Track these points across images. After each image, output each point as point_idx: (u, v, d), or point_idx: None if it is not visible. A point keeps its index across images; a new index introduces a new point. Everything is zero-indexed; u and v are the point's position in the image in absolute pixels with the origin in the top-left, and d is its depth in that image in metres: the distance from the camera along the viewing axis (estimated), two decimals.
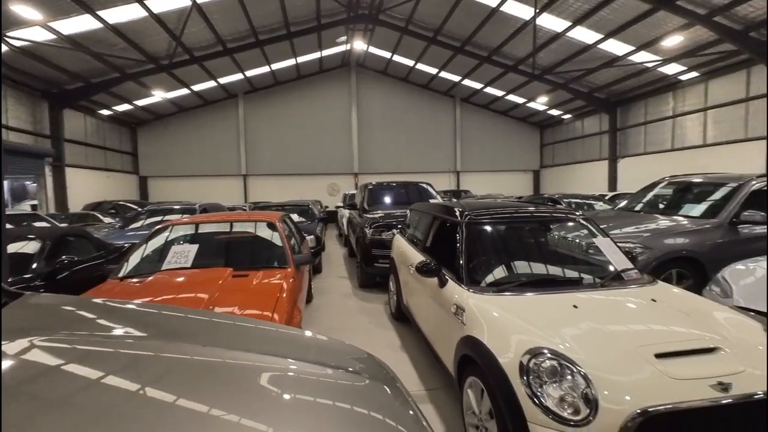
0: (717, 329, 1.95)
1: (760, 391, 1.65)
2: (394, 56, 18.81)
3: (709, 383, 1.61)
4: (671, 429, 1.56)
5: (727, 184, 5.20)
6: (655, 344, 1.79)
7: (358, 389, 1.12)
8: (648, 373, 1.68)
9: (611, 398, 1.60)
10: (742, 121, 12.36)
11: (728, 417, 1.60)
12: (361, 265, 6.11)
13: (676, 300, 2.29)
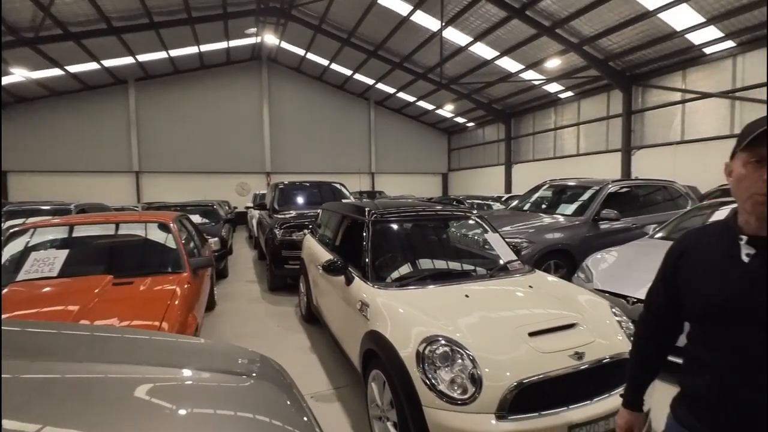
0: (577, 309, 2.30)
1: (607, 356, 2.00)
2: (308, 54, 18.48)
3: (568, 354, 1.89)
4: (541, 393, 1.79)
5: (592, 187, 6.17)
6: (529, 325, 2.05)
7: (245, 392, 1.08)
8: (523, 351, 1.92)
9: (493, 375, 1.79)
10: (604, 135, 14.80)
11: (583, 378, 1.89)
12: (271, 267, 5.88)
13: (549, 286, 2.65)
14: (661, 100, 12.81)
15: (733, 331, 0.93)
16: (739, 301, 0.92)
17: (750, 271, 0.91)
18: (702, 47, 11.15)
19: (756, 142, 0.87)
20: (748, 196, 0.90)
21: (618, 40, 11.83)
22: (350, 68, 18.79)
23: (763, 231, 0.91)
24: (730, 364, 0.93)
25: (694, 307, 1.01)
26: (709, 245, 1.02)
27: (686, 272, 1.04)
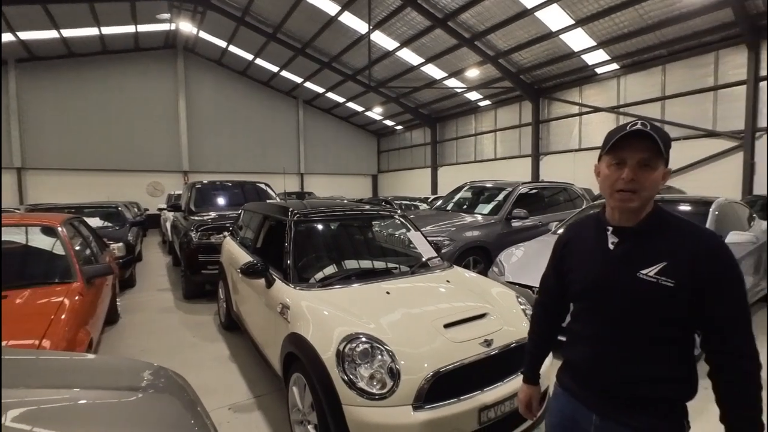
0: (489, 300, 2.48)
1: (513, 341, 2.18)
2: (231, 47, 17.46)
3: (478, 342, 2.03)
4: (455, 380, 1.89)
5: (505, 189, 6.71)
6: (444, 317, 2.15)
7: (136, 408, 0.98)
8: (439, 342, 2.01)
9: (410, 368, 1.85)
10: (517, 142, 16.21)
11: (493, 363, 2.04)
12: (186, 273, 5.42)
13: (465, 280, 2.82)
14: (563, 112, 14.41)
15: (603, 308, 1.08)
16: (606, 282, 1.07)
17: (614, 257, 1.07)
18: (594, 67, 12.79)
19: (616, 148, 1.02)
20: (612, 192, 1.05)
21: (528, 56, 13.06)
22: (277, 65, 18.15)
23: (624, 222, 1.07)
24: (600, 337, 1.09)
25: (575, 289, 1.17)
26: (586, 235, 1.18)
27: (569, 259, 1.20)
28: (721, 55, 10.45)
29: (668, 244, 1.01)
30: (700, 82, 10.89)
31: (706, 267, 0.96)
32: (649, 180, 1.01)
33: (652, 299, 0.99)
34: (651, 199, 1.05)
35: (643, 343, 1.02)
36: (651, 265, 1.00)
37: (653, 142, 0.98)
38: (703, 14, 9.52)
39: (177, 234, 6.78)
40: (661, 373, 1.01)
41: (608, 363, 1.07)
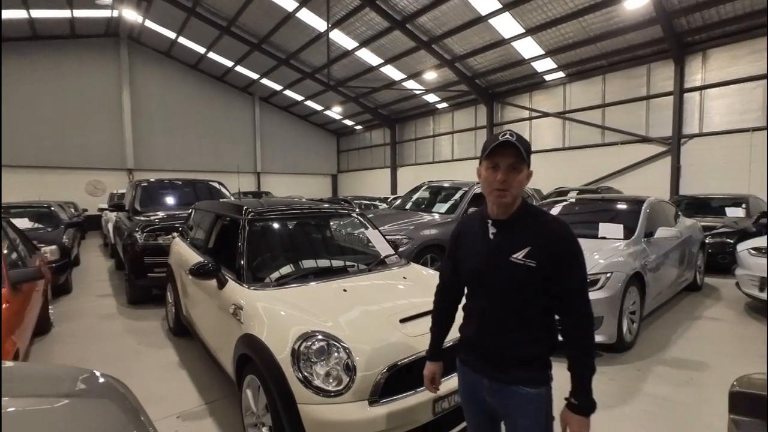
0: None
1: None
2: (181, 38, 16.56)
3: None
4: (411, 373, 1.92)
5: (461, 189, 6.92)
6: (400, 312, 2.18)
7: (73, 413, 0.90)
8: (395, 337, 2.03)
9: (366, 363, 1.86)
10: (473, 143, 16.77)
11: (448, 354, 2.09)
12: (130, 277, 5.07)
13: (421, 277, 2.88)
14: (515, 116, 15.10)
15: (487, 288, 1.30)
16: (487, 266, 1.28)
17: (493, 245, 1.28)
18: (543, 75, 13.52)
19: (491, 154, 1.22)
20: (491, 191, 1.24)
21: (482, 61, 13.55)
22: (231, 59, 17.47)
23: (500, 216, 1.28)
24: (486, 311, 1.31)
25: (465, 274, 1.38)
26: (473, 228, 1.37)
27: (461, 249, 1.40)
28: (653, 67, 11.45)
29: (531, 233, 1.24)
30: (635, 92, 11.86)
31: (558, 249, 1.21)
32: (517, 180, 1.22)
33: (521, 277, 1.22)
34: (519, 196, 1.27)
35: (518, 314, 1.26)
36: (519, 250, 1.22)
37: (518, 150, 1.19)
38: (637, 29, 10.39)
39: (120, 236, 6.32)
40: (532, 336, 1.26)
41: (492, 332, 1.30)
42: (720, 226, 6.90)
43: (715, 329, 4.14)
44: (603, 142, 12.69)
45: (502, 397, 1.29)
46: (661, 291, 4.33)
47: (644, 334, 3.93)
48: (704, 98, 10.64)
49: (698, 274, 5.59)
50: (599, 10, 9.96)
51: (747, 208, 7.60)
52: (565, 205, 5.46)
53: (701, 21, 9.86)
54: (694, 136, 10.81)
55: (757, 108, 9.84)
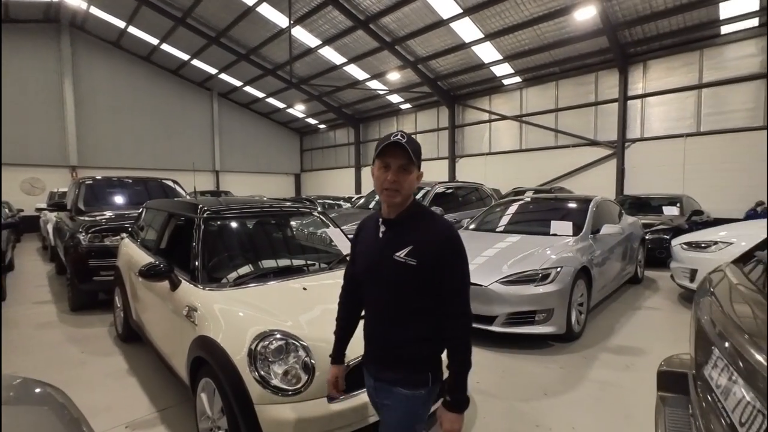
0: None
1: None
2: (131, 28, 15.61)
3: None
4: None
5: (424, 188, 7.05)
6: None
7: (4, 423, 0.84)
8: (356, 334, 2.04)
9: (326, 361, 1.85)
10: (435, 144, 17.10)
11: None
12: (73, 281, 4.73)
13: None
14: (476, 118, 15.57)
15: (375, 285, 1.33)
16: (375, 265, 1.31)
17: (381, 243, 1.31)
18: (501, 79, 14.05)
19: (383, 154, 1.24)
20: (381, 190, 1.27)
21: (444, 64, 13.86)
22: (188, 52, 16.70)
23: (390, 215, 1.30)
24: (374, 309, 1.37)
25: (359, 272, 1.41)
26: (369, 228, 1.41)
27: (358, 247, 1.44)
28: (600, 75, 12.23)
29: (417, 232, 1.27)
30: (585, 98, 12.62)
31: (442, 250, 1.24)
32: (407, 181, 1.25)
33: (402, 275, 1.24)
34: (409, 196, 1.29)
35: (403, 311, 1.28)
36: (402, 249, 1.25)
37: (408, 152, 1.21)
38: (586, 39, 11.05)
39: (61, 237, 5.87)
40: (416, 335, 1.27)
41: (379, 330, 1.34)
42: (658, 224, 7.50)
43: (653, 318, 4.50)
44: (556, 144, 13.38)
45: (381, 396, 1.33)
46: (606, 284, 4.65)
47: (591, 324, 4.20)
48: (645, 105, 11.52)
49: (639, 268, 6.05)
50: (552, 19, 10.50)
51: (681, 207, 8.31)
52: (521, 204, 5.72)
53: (642, 34, 10.66)
54: (637, 140, 11.67)
55: (689, 116, 10.78)
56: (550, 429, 2.42)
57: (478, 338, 3.72)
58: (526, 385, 2.97)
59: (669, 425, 1.30)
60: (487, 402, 2.73)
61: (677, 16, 9.71)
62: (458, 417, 1.24)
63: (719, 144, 10.28)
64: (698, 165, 10.62)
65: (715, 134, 10.36)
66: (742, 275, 1.25)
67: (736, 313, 1.07)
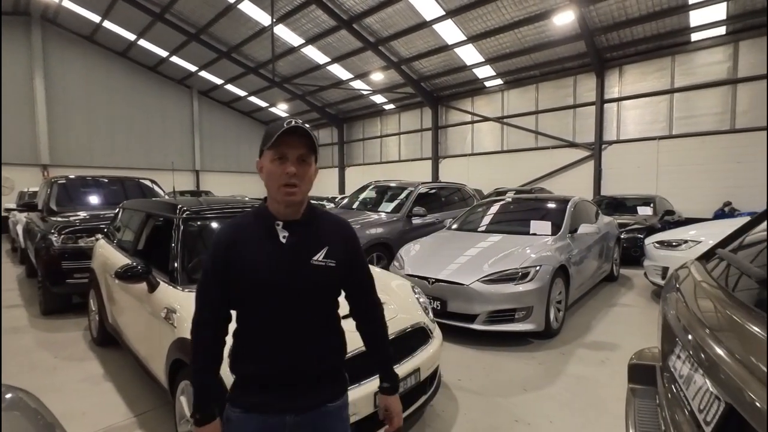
0: (385, 290, 2.61)
1: (408, 326, 2.34)
2: (106, 22, 15.15)
3: None
4: (353, 367, 1.94)
5: (407, 189, 7.09)
6: (341, 309, 2.20)
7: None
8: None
9: None
10: (419, 145, 17.22)
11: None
12: (45, 284, 4.57)
13: None
14: (458, 119, 15.75)
15: (285, 299, 1.09)
16: (284, 273, 1.09)
17: (288, 248, 1.11)
18: (483, 81, 14.26)
19: (277, 144, 1.06)
20: (278, 187, 1.07)
21: (427, 65, 13.97)
22: (166, 49, 16.32)
23: (291, 216, 1.13)
24: (286, 328, 1.10)
25: (253, 289, 1.09)
26: (253, 235, 1.13)
27: (238, 263, 1.09)
28: (578, 79, 12.56)
29: (325, 232, 1.17)
30: (564, 101, 12.93)
31: (350, 246, 1.20)
32: (307, 174, 1.11)
33: (324, 279, 1.13)
34: (308, 193, 1.14)
35: (320, 320, 1.16)
36: (318, 251, 1.13)
37: (308, 139, 1.08)
38: (564, 44, 11.33)
39: (32, 239, 5.65)
40: (334, 343, 1.20)
41: (298, 349, 1.11)
42: (632, 223, 7.76)
43: (627, 314, 4.66)
44: (537, 146, 13.67)
45: (309, 425, 1.12)
46: (584, 282, 4.79)
47: (569, 321, 4.32)
48: (621, 109, 11.90)
49: (615, 266, 6.25)
50: (532, 23, 10.72)
51: (654, 207, 8.63)
52: (502, 204, 5.83)
53: (618, 39, 11.01)
54: (613, 142, 12.03)
55: (662, 119, 11.19)
56: (529, 423, 2.48)
57: (460, 337, 3.78)
58: (507, 381, 3.03)
59: (638, 416, 1.36)
60: (468, 399, 2.78)
61: (651, 22, 10.07)
62: (398, 398, 1.31)
63: (690, 147, 10.70)
64: (670, 167, 11.03)
65: (686, 137, 10.79)
66: (705, 272, 1.32)
67: (698, 307, 1.13)
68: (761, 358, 0.76)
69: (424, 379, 2.33)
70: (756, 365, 0.75)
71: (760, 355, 0.77)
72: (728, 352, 0.85)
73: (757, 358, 0.77)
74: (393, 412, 1.29)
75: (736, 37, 9.82)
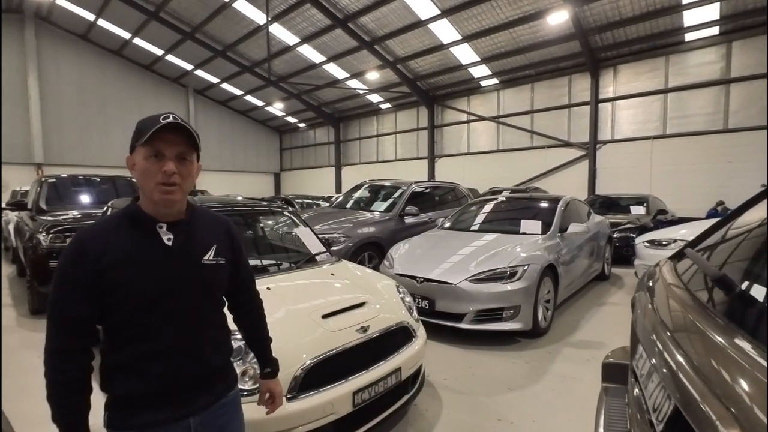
0: (370, 290, 2.61)
1: (393, 325, 2.34)
2: (101, 21, 15.09)
3: (355, 329, 2.13)
4: (332, 366, 1.96)
5: (401, 188, 7.09)
6: (322, 309, 2.20)
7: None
8: (318, 333, 2.05)
9: (284, 361, 1.84)
10: (415, 144, 17.22)
11: (368, 348, 2.16)
12: (33, 283, 4.55)
13: (348, 273, 2.92)
14: (454, 119, 15.76)
15: (176, 305, 1.03)
16: (174, 278, 1.04)
17: (175, 251, 1.05)
18: (479, 80, 14.27)
19: (153, 140, 0.98)
20: (154, 186, 0.99)
21: (423, 65, 13.97)
22: (161, 47, 16.27)
23: (173, 217, 1.06)
24: (178, 336, 1.04)
25: (133, 305, 0.99)
26: (127, 242, 1.02)
27: (111, 274, 0.98)
28: (573, 79, 12.59)
29: (209, 230, 1.15)
30: (558, 101, 12.96)
31: (234, 243, 1.23)
32: (188, 173, 1.04)
33: (217, 279, 1.14)
34: (189, 192, 1.08)
35: (212, 320, 1.15)
36: (208, 251, 1.11)
37: (188, 136, 1.02)
38: (559, 43, 11.35)
39: (21, 238, 5.63)
40: (224, 338, 1.21)
41: (193, 353, 1.07)
42: (625, 223, 7.78)
43: (616, 313, 4.67)
44: (532, 145, 13.69)
45: (213, 421, 1.12)
46: (573, 281, 4.79)
47: (558, 321, 4.33)
48: (615, 108, 11.93)
49: (606, 266, 6.26)
50: (527, 23, 10.73)
51: (647, 206, 8.66)
52: (494, 203, 5.83)
53: (612, 39, 11.03)
54: (607, 142, 12.07)
55: (655, 119, 11.23)
56: (512, 422, 2.49)
57: (447, 336, 3.78)
58: (492, 380, 3.04)
59: (607, 414, 1.37)
60: (452, 397, 2.78)
61: (645, 22, 10.09)
62: (278, 380, 1.41)
63: (683, 146, 10.75)
64: (664, 166, 11.07)
65: (679, 137, 10.83)
66: (674, 271, 1.33)
67: (660, 306, 1.13)
68: (706, 360, 0.76)
69: (405, 378, 2.34)
70: (700, 368, 0.76)
71: (705, 357, 0.78)
72: (682, 352, 0.85)
73: (702, 361, 0.77)
74: (275, 394, 1.39)
75: (729, 38, 9.86)
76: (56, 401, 0.98)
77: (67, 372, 0.98)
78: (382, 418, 2.18)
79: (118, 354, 1.02)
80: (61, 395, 0.99)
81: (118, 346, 1.02)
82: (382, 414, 2.18)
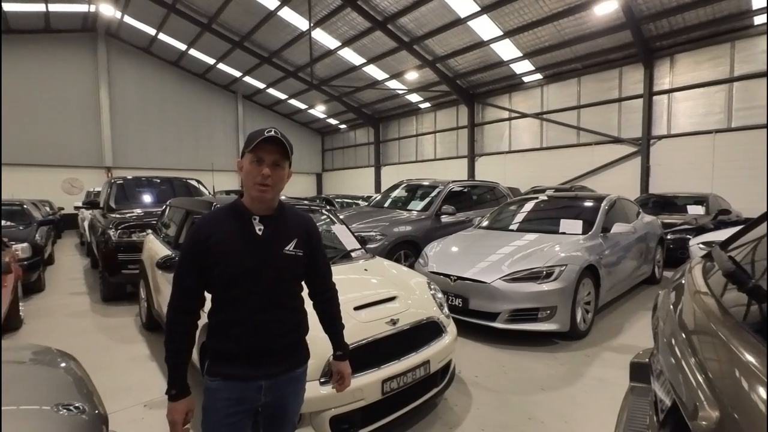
0: (401, 286, 2.70)
1: (424, 319, 2.43)
2: (161, 35, 16.36)
3: (385, 321, 2.23)
4: (363, 355, 2.07)
5: (438, 187, 7.10)
6: (355, 301, 2.32)
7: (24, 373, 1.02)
8: (350, 323, 2.17)
9: (317, 350, 1.96)
10: (454, 143, 17.02)
11: (399, 339, 2.25)
12: (104, 274, 5.10)
13: (381, 269, 3.03)
14: (495, 116, 15.41)
15: (258, 284, 1.26)
16: (260, 261, 1.27)
17: (263, 240, 1.30)
18: (521, 76, 13.84)
19: (256, 149, 1.25)
20: (252, 185, 1.26)
21: (462, 62, 13.80)
22: (213, 57, 17.34)
23: (265, 212, 1.32)
24: (258, 310, 1.27)
25: (230, 277, 1.24)
26: (229, 228, 1.28)
27: (214, 253, 1.24)
28: (624, 71, 11.87)
29: (293, 226, 1.38)
30: (608, 94, 12.27)
31: (312, 237, 1.43)
32: (280, 177, 1.29)
33: (293, 266, 1.35)
34: (280, 192, 1.34)
35: (288, 302, 1.36)
36: (289, 243, 1.34)
37: (282, 147, 1.28)
38: (608, 34, 10.76)
39: (95, 233, 6.31)
40: (298, 319, 1.39)
41: (268, 327, 1.29)
42: (680, 223, 7.26)
43: None
44: (578, 142, 13.08)
45: (279, 389, 1.33)
46: (617, 283, 4.58)
47: (599, 324, 4.17)
48: (671, 101, 11.10)
49: (657, 268, 5.90)
50: (572, 14, 10.29)
51: (707, 206, 8.01)
52: (533, 202, 5.70)
53: (668, 27, 10.28)
54: (663, 137, 11.26)
55: (718, 111, 10.32)
56: (542, 422, 2.48)
57: (480, 334, 3.78)
58: (524, 380, 3.02)
59: (629, 412, 1.36)
60: (482, 395, 2.81)
61: (706, 7, 9.32)
62: (348, 363, 1.56)
63: (751, 140, 9.79)
64: (728, 162, 10.15)
65: (746, 130, 9.88)
66: (700, 272, 1.30)
67: (682, 306, 1.13)
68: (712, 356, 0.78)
69: (434, 372, 2.40)
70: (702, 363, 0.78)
71: (712, 354, 0.79)
72: (689, 351, 0.87)
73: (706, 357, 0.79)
74: (344, 374, 1.55)
75: None
76: (168, 346, 1.30)
77: (180, 325, 1.29)
78: (409, 408, 2.26)
79: (215, 317, 1.30)
80: (171, 340, 1.30)
81: (216, 311, 1.30)
82: (410, 404, 2.27)
